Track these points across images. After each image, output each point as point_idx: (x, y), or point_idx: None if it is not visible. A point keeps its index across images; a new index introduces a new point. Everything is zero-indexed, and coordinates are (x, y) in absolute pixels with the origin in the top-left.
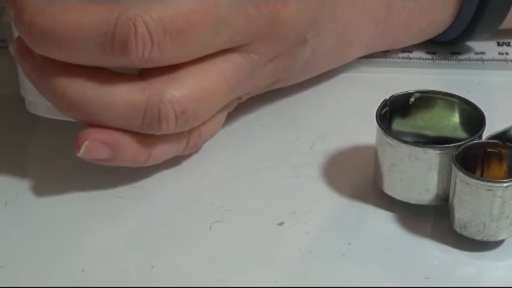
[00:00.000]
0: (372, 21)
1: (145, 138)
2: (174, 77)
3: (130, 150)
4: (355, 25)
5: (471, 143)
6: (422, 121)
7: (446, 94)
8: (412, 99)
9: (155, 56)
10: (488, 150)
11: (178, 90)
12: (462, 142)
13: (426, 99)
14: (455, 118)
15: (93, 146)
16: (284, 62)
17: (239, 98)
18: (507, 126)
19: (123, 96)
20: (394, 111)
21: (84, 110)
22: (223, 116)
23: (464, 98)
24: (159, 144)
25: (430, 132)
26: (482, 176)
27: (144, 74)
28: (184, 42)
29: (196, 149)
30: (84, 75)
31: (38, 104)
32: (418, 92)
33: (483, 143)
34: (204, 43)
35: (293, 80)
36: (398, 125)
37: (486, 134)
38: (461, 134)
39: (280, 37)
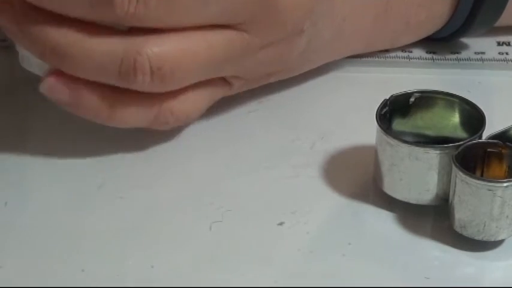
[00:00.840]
0: (370, 15)
1: (112, 91)
2: (158, 35)
3: (91, 100)
4: (353, 18)
5: (471, 143)
6: (422, 121)
7: (446, 94)
8: (412, 99)
9: (140, 12)
10: (488, 150)
11: (158, 46)
12: (462, 142)
13: (426, 99)
14: (455, 118)
15: (56, 85)
16: (279, 51)
17: (228, 83)
18: (507, 126)
19: (103, 44)
20: (394, 111)
21: (64, 55)
22: (202, 100)
23: (464, 98)
24: (125, 103)
25: (430, 132)
26: (482, 176)
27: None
28: (171, 3)
29: (168, 128)
30: (68, 23)
31: (31, 58)
32: (418, 92)
33: (483, 143)
34: (192, 11)
35: (290, 73)
36: (398, 125)
37: (486, 134)
38: (461, 134)
39: (276, 24)
